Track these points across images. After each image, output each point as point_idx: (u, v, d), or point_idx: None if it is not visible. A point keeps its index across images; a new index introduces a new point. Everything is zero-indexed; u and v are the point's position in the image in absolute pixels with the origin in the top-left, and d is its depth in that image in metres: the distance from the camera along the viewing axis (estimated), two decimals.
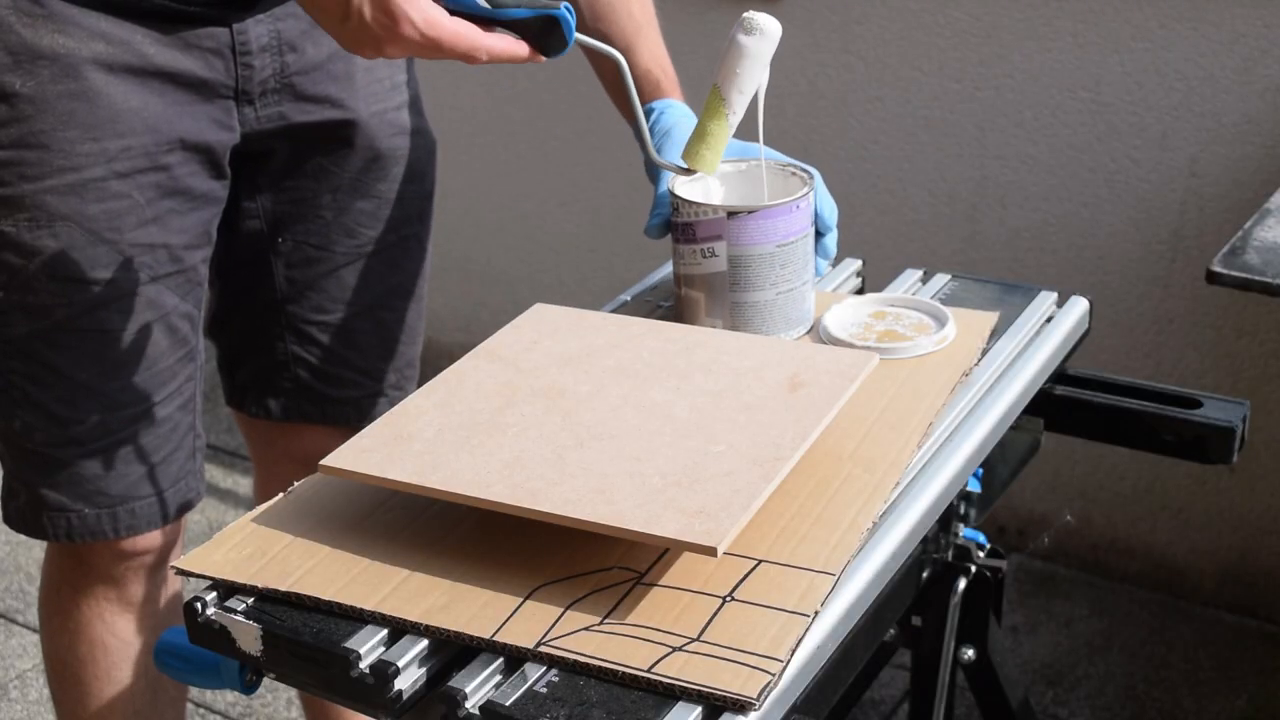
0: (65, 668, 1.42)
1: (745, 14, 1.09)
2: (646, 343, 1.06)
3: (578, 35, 1.02)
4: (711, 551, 0.82)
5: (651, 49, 1.27)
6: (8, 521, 1.35)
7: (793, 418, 0.95)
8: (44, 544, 1.38)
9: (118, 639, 1.39)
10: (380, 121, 1.36)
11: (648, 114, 1.23)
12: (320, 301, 1.41)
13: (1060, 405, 1.25)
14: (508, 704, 0.78)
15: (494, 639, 0.82)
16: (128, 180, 1.22)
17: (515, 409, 0.98)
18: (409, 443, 0.94)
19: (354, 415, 1.47)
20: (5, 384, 1.27)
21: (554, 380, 1.01)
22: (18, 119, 1.19)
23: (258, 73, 1.26)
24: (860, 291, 1.33)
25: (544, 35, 1.01)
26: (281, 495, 0.97)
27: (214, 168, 1.28)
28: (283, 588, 0.87)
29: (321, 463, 0.93)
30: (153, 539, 1.34)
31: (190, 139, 1.24)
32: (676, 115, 1.24)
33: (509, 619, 0.83)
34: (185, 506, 1.36)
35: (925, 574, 1.15)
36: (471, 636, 0.82)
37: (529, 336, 1.08)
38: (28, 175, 1.20)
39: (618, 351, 1.05)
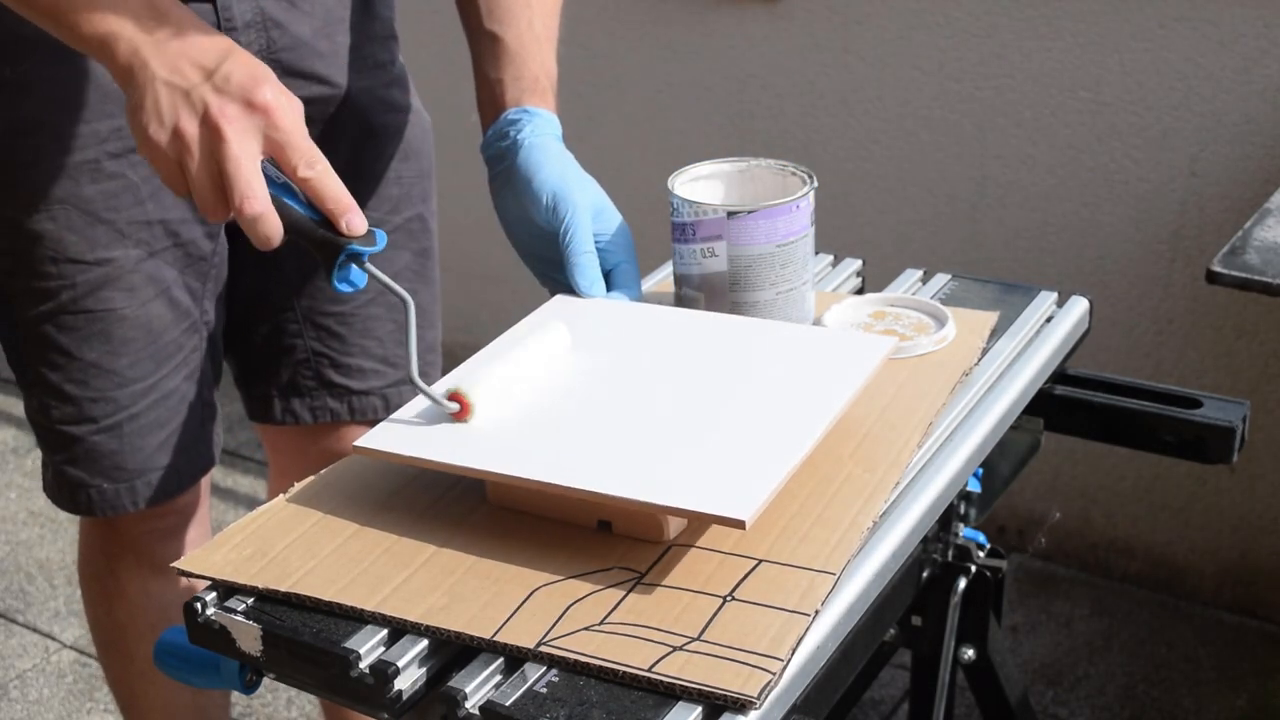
0: (107, 633, 1.48)
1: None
2: (668, 328, 1.08)
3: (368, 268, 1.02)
4: (740, 524, 0.83)
5: (544, 61, 1.24)
6: (46, 492, 1.39)
7: (813, 399, 0.96)
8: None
9: (153, 600, 1.44)
10: (369, 98, 1.35)
11: (516, 120, 1.20)
12: (332, 292, 1.41)
13: (1060, 405, 1.25)
14: (508, 704, 0.78)
15: (494, 639, 0.82)
16: (121, 160, 1.23)
17: (541, 393, 0.99)
18: (440, 425, 0.95)
19: (381, 407, 1.47)
20: (21, 364, 1.31)
21: (578, 364, 1.02)
22: (8, 106, 1.20)
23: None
24: (860, 291, 1.33)
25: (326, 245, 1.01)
26: (281, 496, 0.97)
27: None
28: (283, 588, 0.87)
29: (355, 444, 0.95)
30: (172, 506, 1.38)
31: None
32: (541, 127, 1.20)
33: (509, 619, 0.83)
34: (198, 474, 1.39)
35: (925, 574, 1.15)
36: (472, 636, 0.82)
37: (552, 324, 1.09)
38: (23, 161, 1.22)
39: (640, 336, 1.07)
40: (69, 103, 1.21)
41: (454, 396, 0.95)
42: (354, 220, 1.01)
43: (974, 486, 1.17)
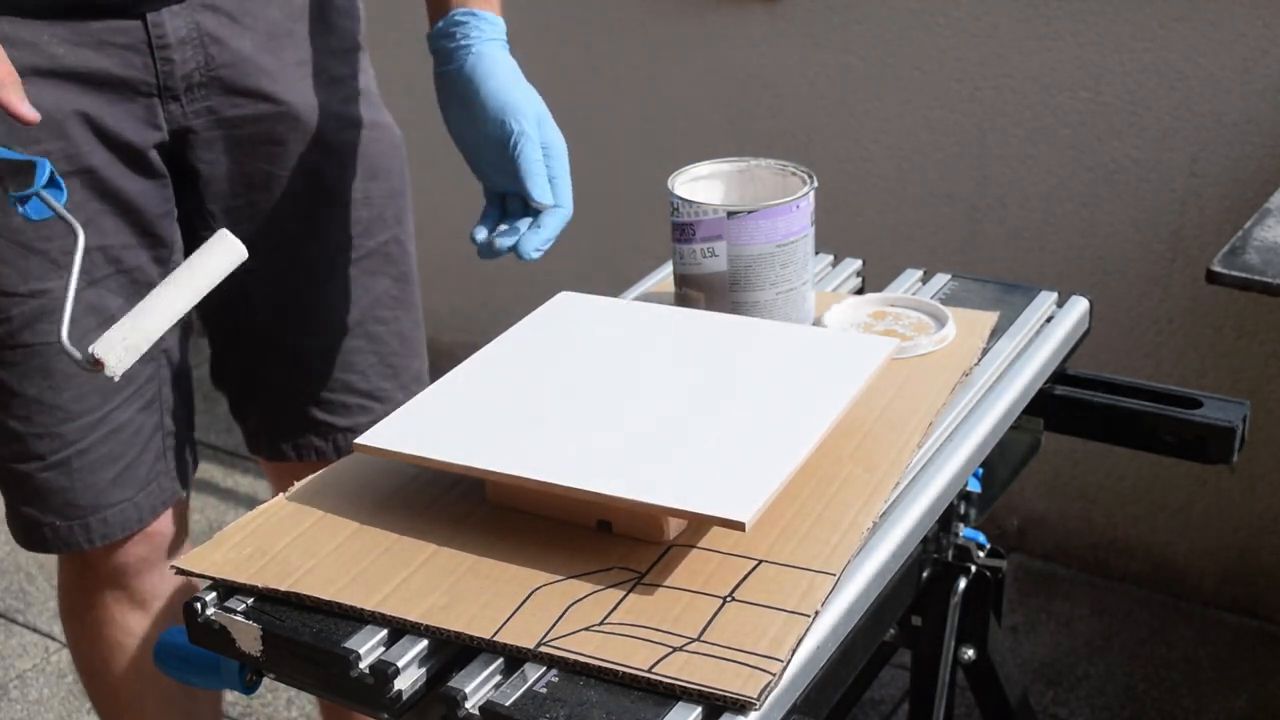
0: (91, 668, 1.44)
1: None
2: (670, 327, 1.08)
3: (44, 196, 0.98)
4: (740, 526, 0.83)
5: None
6: (8, 527, 1.35)
7: (814, 400, 0.96)
8: None
9: (133, 635, 1.40)
10: (324, 115, 1.30)
11: (463, 22, 1.18)
12: (307, 324, 1.35)
13: (1060, 405, 1.25)
14: (508, 704, 0.78)
15: (494, 639, 0.82)
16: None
17: (543, 391, 0.99)
18: (442, 423, 0.95)
19: None
20: None
21: (580, 363, 1.02)
22: None
23: (179, 67, 1.21)
24: (860, 291, 1.33)
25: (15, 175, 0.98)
26: (281, 495, 0.97)
27: (143, 167, 1.23)
28: (283, 588, 0.87)
29: (356, 441, 0.94)
30: (142, 540, 1.34)
31: (114, 137, 1.20)
32: (487, 31, 1.18)
33: (509, 619, 0.83)
34: (160, 506, 1.34)
35: (925, 574, 1.15)
36: (472, 636, 0.82)
37: (555, 322, 1.10)
38: None
39: (642, 336, 1.07)
40: None
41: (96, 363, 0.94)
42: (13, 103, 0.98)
43: (974, 486, 1.17)
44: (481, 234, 1.14)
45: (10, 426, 1.25)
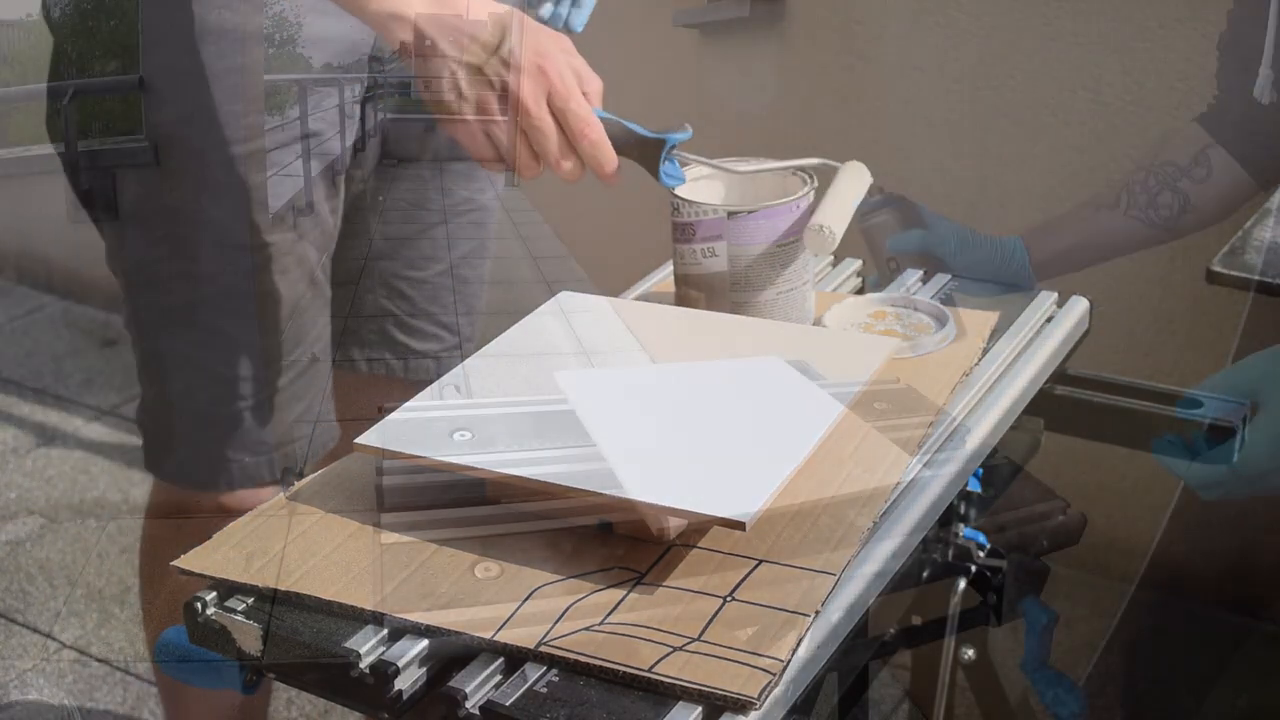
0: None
1: None
2: (670, 328, 1.09)
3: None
4: (740, 526, 0.83)
5: None
6: (162, 475, 1.39)
7: (814, 400, 0.97)
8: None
9: None
10: None
11: None
12: (412, 258, 1.46)
13: (1060, 405, 1.25)
14: (508, 704, 0.78)
15: (494, 639, 0.82)
16: (287, 150, 1.27)
17: (540, 392, 0.99)
18: (442, 423, 0.95)
19: (433, 370, 1.50)
20: (162, 349, 1.32)
21: (579, 364, 1.02)
22: (182, 94, 1.23)
23: None
24: (860, 291, 1.33)
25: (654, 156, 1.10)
26: (282, 495, 0.98)
27: (347, 130, 1.32)
28: (283, 588, 0.87)
29: (356, 441, 0.95)
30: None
31: (347, 113, 1.29)
32: None
33: (509, 619, 0.83)
34: (331, 441, 1.41)
35: (925, 574, 1.15)
36: (472, 636, 0.82)
37: (555, 322, 1.10)
38: (194, 149, 1.24)
39: (642, 336, 1.07)
40: (240, 93, 1.23)
41: None
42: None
43: (974, 486, 1.17)
44: (547, 10, 1.31)
45: (219, 371, 1.31)
